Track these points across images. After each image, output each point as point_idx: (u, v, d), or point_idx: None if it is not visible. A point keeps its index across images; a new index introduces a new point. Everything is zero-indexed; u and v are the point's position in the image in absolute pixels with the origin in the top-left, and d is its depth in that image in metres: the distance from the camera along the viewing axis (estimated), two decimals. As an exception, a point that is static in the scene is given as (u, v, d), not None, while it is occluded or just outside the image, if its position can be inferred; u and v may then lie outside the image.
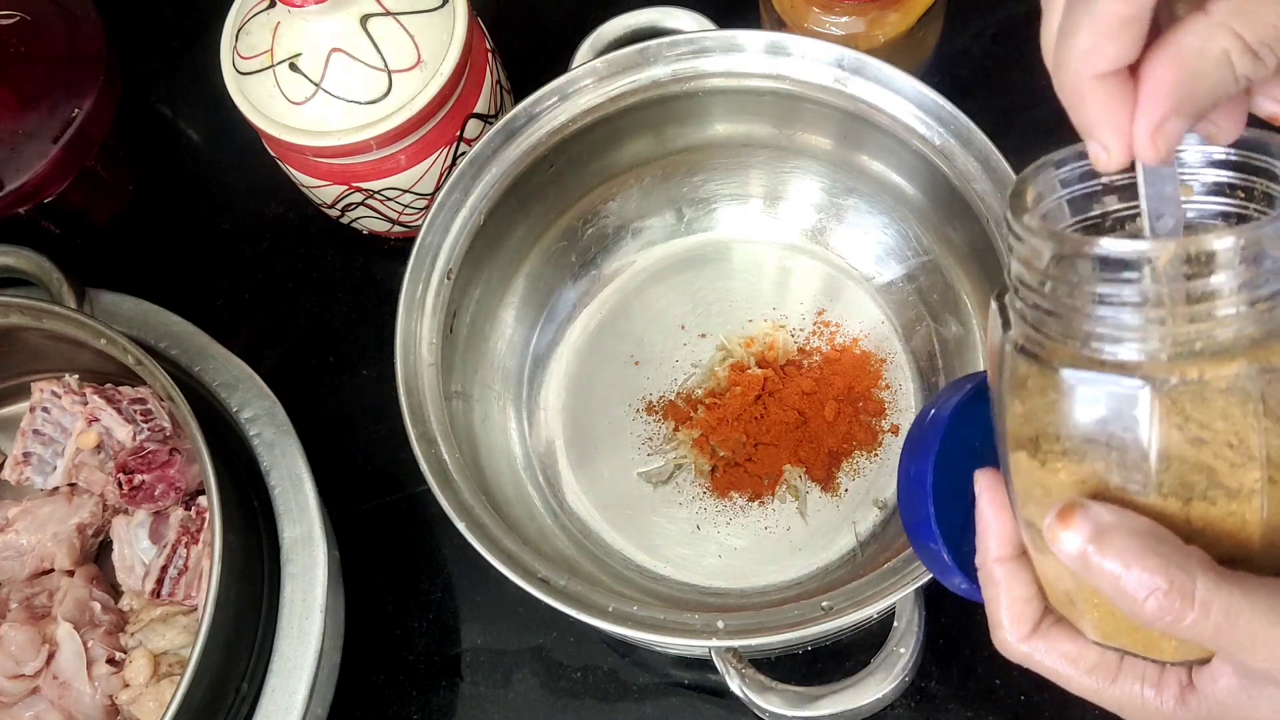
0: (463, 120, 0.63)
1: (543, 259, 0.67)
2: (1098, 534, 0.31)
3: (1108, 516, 0.31)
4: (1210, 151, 0.35)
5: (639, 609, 0.49)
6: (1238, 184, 0.35)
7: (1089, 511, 0.31)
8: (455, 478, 0.53)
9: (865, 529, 0.60)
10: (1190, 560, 0.31)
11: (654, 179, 0.67)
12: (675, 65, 0.60)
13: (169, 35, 0.81)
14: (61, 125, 0.67)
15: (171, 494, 0.60)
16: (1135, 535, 0.31)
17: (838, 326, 0.65)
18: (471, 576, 0.65)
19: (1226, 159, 0.35)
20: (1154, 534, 0.31)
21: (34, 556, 0.60)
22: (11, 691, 0.57)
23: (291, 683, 0.55)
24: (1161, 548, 0.31)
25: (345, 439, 0.68)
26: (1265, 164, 0.34)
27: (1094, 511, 0.31)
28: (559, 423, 0.65)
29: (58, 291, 0.62)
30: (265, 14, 0.61)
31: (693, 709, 0.60)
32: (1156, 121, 0.31)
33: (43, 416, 0.63)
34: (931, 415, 0.42)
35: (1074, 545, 0.31)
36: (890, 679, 0.48)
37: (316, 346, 0.71)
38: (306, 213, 0.73)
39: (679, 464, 0.63)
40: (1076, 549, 0.31)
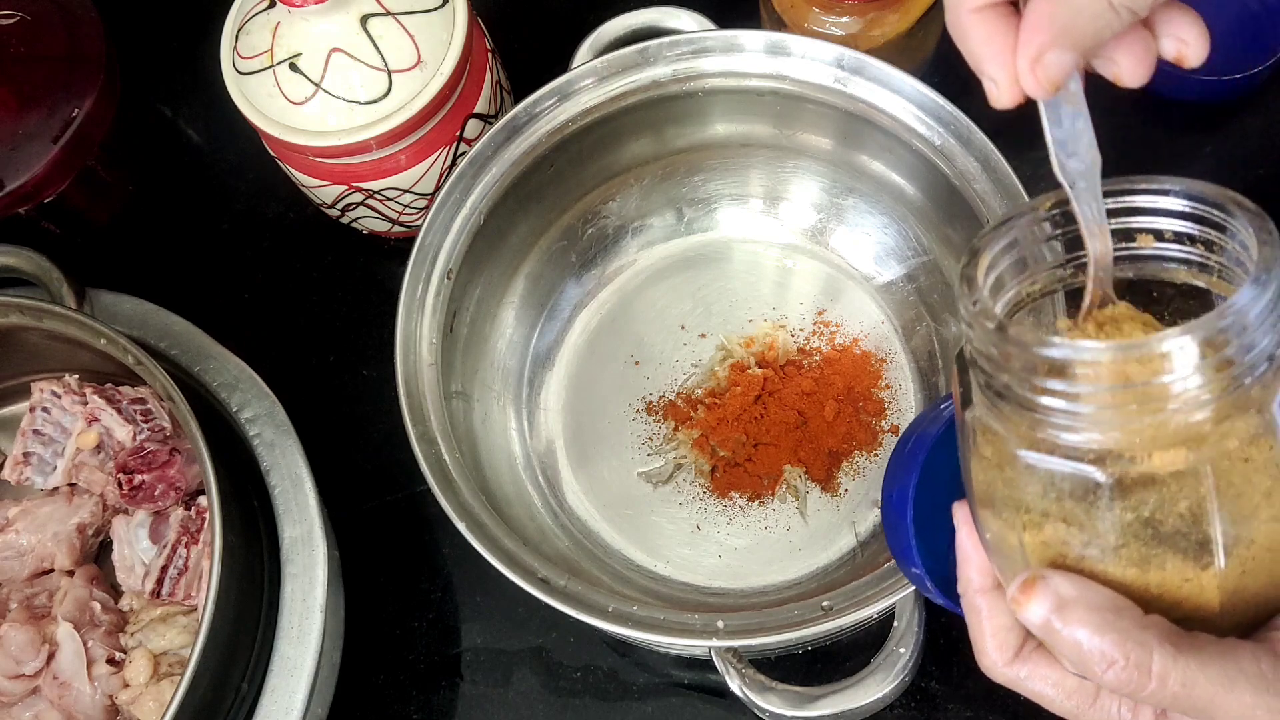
0: (463, 120, 0.63)
1: (543, 259, 0.67)
2: (1058, 607, 0.32)
3: (1067, 590, 0.33)
4: (1168, 203, 0.35)
5: (639, 609, 0.49)
6: (1197, 236, 0.35)
7: (1049, 584, 0.33)
8: (455, 478, 0.53)
9: (865, 529, 0.60)
10: (1148, 634, 0.32)
11: (654, 179, 0.67)
12: (675, 65, 0.60)
13: (169, 35, 0.81)
14: (61, 125, 0.67)
15: (171, 494, 0.60)
16: (1094, 610, 0.32)
17: (838, 326, 0.65)
18: (471, 576, 0.65)
19: (1183, 210, 0.35)
20: (1112, 607, 0.32)
21: (34, 556, 0.60)
22: (11, 691, 0.57)
23: (291, 683, 0.55)
24: (1119, 622, 0.32)
25: (345, 439, 0.68)
26: (1221, 220, 0.34)
27: (1054, 584, 0.33)
28: (559, 423, 0.65)
29: (58, 291, 0.62)
30: (265, 14, 0.61)
31: (693, 709, 0.60)
32: (1035, 53, 0.31)
33: (43, 416, 0.63)
34: (911, 442, 0.42)
35: (1037, 616, 0.33)
36: (890, 679, 0.48)
37: (316, 346, 0.72)
38: (306, 213, 0.73)
39: (679, 464, 0.63)
40: (1040, 619, 0.33)
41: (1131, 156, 0.69)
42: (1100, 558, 0.33)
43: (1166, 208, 0.35)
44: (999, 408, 0.34)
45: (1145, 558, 0.33)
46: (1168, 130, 0.69)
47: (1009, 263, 0.37)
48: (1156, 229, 0.36)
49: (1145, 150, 0.69)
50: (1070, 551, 0.34)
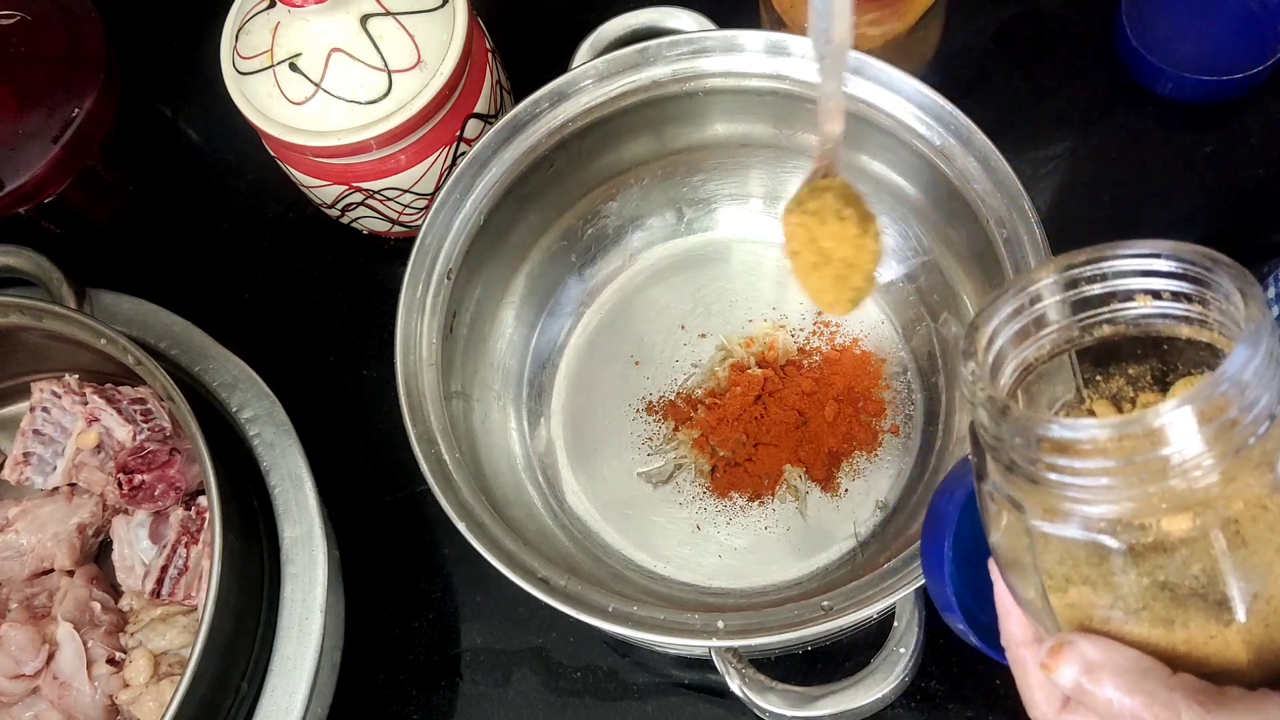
0: (463, 120, 0.63)
1: (543, 259, 0.67)
2: (1087, 670, 0.34)
3: (1094, 654, 0.34)
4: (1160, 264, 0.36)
5: (639, 609, 0.49)
6: (1192, 294, 0.36)
7: (1077, 649, 0.34)
8: (455, 478, 0.53)
9: (865, 529, 0.60)
10: (1175, 694, 0.33)
11: (654, 179, 0.67)
12: (675, 65, 0.60)
13: (169, 35, 0.81)
14: (61, 125, 0.67)
15: (171, 494, 0.60)
16: (1121, 672, 0.33)
17: (838, 326, 0.65)
18: (471, 576, 0.64)
19: (1174, 270, 0.36)
20: (1139, 669, 0.33)
21: (34, 556, 0.60)
22: (11, 691, 0.57)
23: (291, 683, 0.55)
24: (1146, 684, 0.33)
25: (345, 439, 0.68)
26: (1208, 278, 0.35)
27: (1081, 648, 0.34)
28: (559, 423, 0.65)
29: (58, 291, 0.62)
30: (265, 14, 0.61)
31: (693, 709, 0.60)
32: None
33: (43, 416, 0.63)
34: (947, 497, 0.43)
35: (1067, 679, 0.34)
36: (890, 679, 0.48)
37: (316, 346, 0.72)
38: (306, 213, 0.73)
39: (679, 464, 0.63)
40: (1070, 683, 0.34)
41: (1132, 156, 0.70)
42: (1125, 619, 0.34)
43: (1158, 269, 0.36)
44: (1012, 478, 0.35)
45: (1168, 618, 0.34)
46: (1168, 130, 0.69)
47: (1011, 333, 0.38)
48: (1154, 289, 0.37)
49: (1146, 150, 0.69)
50: (1096, 613, 0.35)
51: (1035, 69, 0.72)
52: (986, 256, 0.56)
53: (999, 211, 0.54)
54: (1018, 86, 0.71)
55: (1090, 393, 0.40)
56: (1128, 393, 0.40)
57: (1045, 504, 0.34)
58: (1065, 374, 0.40)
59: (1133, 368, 0.39)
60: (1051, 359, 0.39)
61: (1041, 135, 0.70)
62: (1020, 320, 0.38)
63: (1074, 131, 0.70)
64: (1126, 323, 0.38)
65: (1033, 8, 0.74)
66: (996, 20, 0.73)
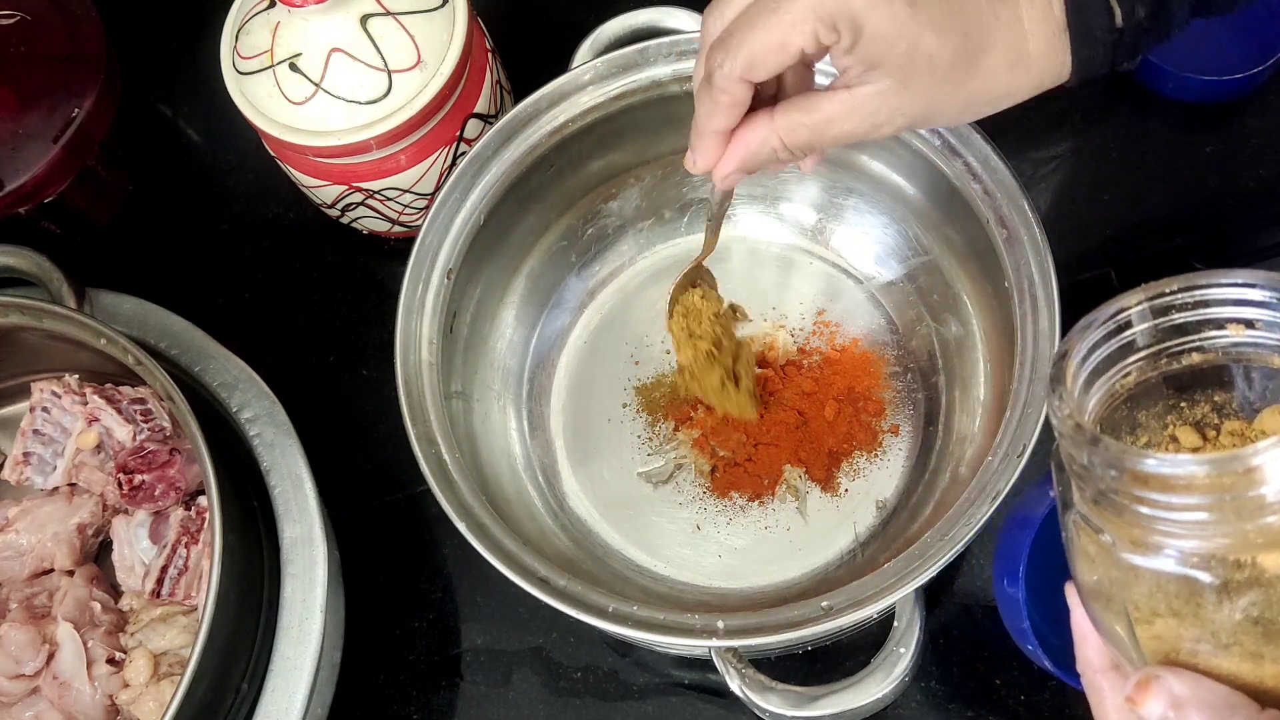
0: (463, 120, 0.63)
1: (543, 259, 0.66)
2: (1174, 705, 0.34)
3: (1181, 689, 0.34)
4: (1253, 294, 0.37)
5: (639, 609, 0.49)
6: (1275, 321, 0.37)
7: (1164, 684, 0.34)
8: (455, 478, 0.53)
9: (865, 529, 0.60)
10: None
11: (654, 179, 0.67)
12: (675, 65, 0.60)
13: (169, 35, 0.81)
14: (61, 125, 0.67)
15: (171, 494, 0.60)
16: (1208, 708, 0.33)
17: (838, 326, 0.65)
18: (471, 576, 0.64)
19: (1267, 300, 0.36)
20: (1226, 704, 0.34)
21: (34, 556, 0.60)
22: (11, 691, 0.57)
23: (291, 683, 0.55)
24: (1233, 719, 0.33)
25: (345, 439, 0.68)
26: None
27: (1168, 684, 0.34)
28: (559, 423, 0.65)
29: (58, 291, 0.62)
30: (265, 14, 0.61)
31: (693, 709, 0.60)
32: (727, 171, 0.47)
33: (43, 416, 0.63)
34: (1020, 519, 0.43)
35: (1154, 715, 0.34)
36: (890, 679, 0.47)
37: (316, 346, 0.71)
38: (306, 213, 0.73)
39: (679, 464, 0.63)
40: (1158, 717, 0.34)
41: (1132, 156, 0.70)
42: (1213, 653, 0.34)
43: (1253, 299, 0.37)
44: (1099, 510, 0.35)
45: (1258, 653, 0.34)
46: (1168, 130, 0.69)
47: (1099, 360, 0.38)
48: (1247, 319, 0.37)
49: (1146, 150, 0.69)
50: (1183, 646, 0.35)
51: (1035, 69, 0.72)
52: (986, 256, 0.56)
53: (999, 211, 0.54)
54: (1018, 86, 0.71)
55: (1174, 419, 0.40)
56: (1212, 419, 0.40)
57: (1134, 536, 0.34)
58: (1147, 400, 0.40)
59: (1218, 395, 0.40)
60: (1138, 386, 0.40)
61: (1041, 135, 0.70)
62: (1109, 346, 0.38)
63: (1074, 131, 0.70)
64: (1217, 351, 0.38)
65: (1033, 8, 0.73)
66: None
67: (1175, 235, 0.67)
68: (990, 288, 0.57)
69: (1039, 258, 0.53)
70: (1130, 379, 0.39)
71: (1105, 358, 0.38)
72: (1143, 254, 0.67)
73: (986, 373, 0.59)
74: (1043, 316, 0.52)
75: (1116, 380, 0.39)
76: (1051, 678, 0.58)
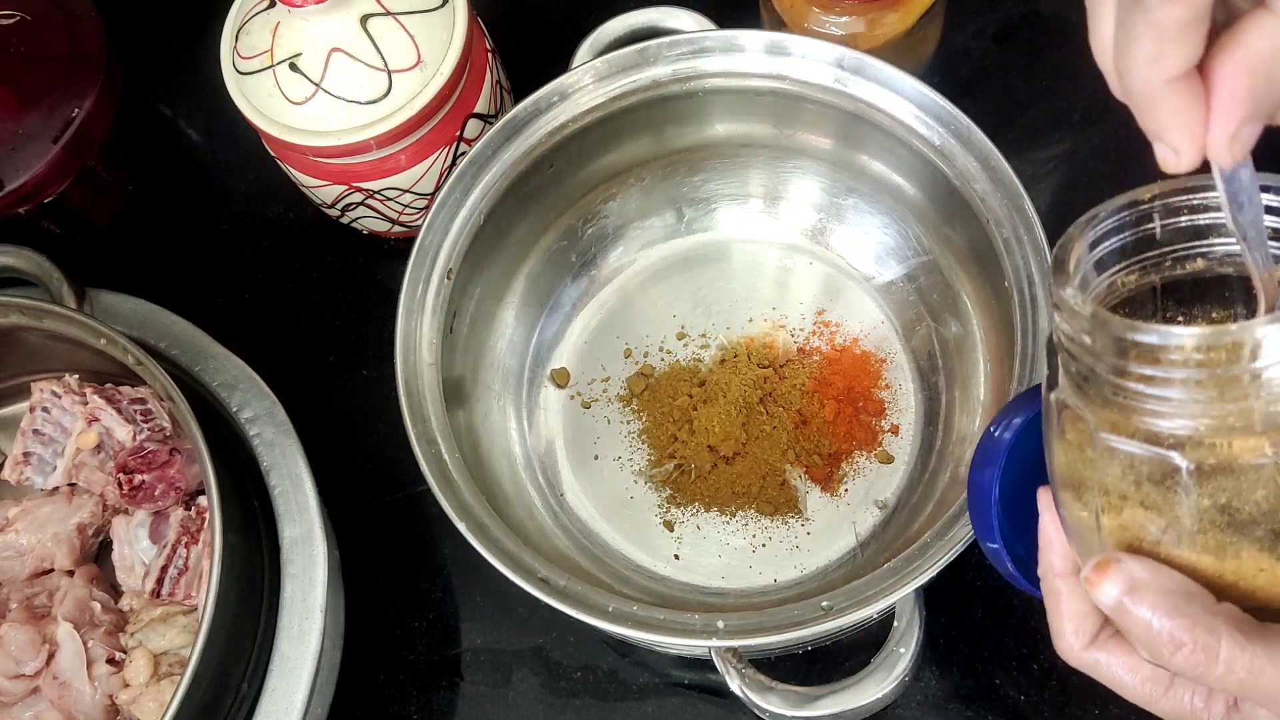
0: (463, 120, 0.63)
1: (543, 259, 0.67)
2: (1131, 589, 0.33)
3: (1140, 573, 0.34)
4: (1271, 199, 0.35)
5: (639, 609, 0.49)
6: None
7: (1124, 567, 0.34)
8: (455, 478, 0.53)
9: (865, 529, 0.60)
10: (1217, 620, 0.32)
11: (654, 179, 0.67)
12: (675, 65, 0.60)
13: (169, 35, 0.81)
14: (61, 125, 0.67)
15: (171, 494, 0.60)
16: (1165, 594, 0.33)
17: (838, 326, 0.65)
18: (471, 576, 0.65)
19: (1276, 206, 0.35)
20: (1184, 593, 0.33)
21: (34, 556, 0.60)
22: (11, 691, 0.57)
23: (291, 683, 0.55)
24: (1189, 608, 0.33)
25: (345, 439, 0.68)
26: None
27: (1128, 567, 0.34)
28: (559, 423, 0.65)
29: (58, 291, 0.62)
30: (265, 14, 0.61)
31: (693, 709, 0.60)
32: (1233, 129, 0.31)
33: (43, 416, 0.63)
34: (1000, 426, 0.43)
35: (1109, 597, 0.34)
36: (890, 679, 0.47)
37: (316, 346, 0.72)
38: (306, 213, 0.73)
39: (679, 464, 0.63)
40: (1112, 600, 0.34)
41: (1132, 156, 0.70)
42: (1176, 543, 0.34)
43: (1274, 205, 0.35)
44: (1084, 391, 0.34)
45: (1221, 545, 0.33)
46: (1168, 130, 0.69)
47: (1105, 251, 0.37)
48: None
49: (1146, 150, 0.69)
50: (1147, 536, 0.34)
51: (1035, 69, 0.72)
52: (986, 256, 0.56)
53: (999, 211, 0.54)
54: (1017, 86, 0.71)
55: None
56: None
57: (1114, 418, 0.34)
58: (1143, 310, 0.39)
59: (1216, 311, 0.39)
60: (1138, 289, 0.39)
61: (1041, 135, 0.70)
62: (1116, 241, 0.37)
63: (1074, 132, 0.70)
64: (1219, 260, 0.37)
65: (1033, 8, 0.74)
66: (996, 20, 0.73)
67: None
68: (990, 288, 0.57)
69: (1039, 258, 0.53)
70: (1133, 278, 0.38)
71: (1110, 252, 0.38)
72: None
73: (986, 373, 0.59)
74: (1043, 316, 0.52)
75: (1119, 276, 0.38)
76: (1052, 678, 0.58)
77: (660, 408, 0.64)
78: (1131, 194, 0.37)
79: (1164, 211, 0.37)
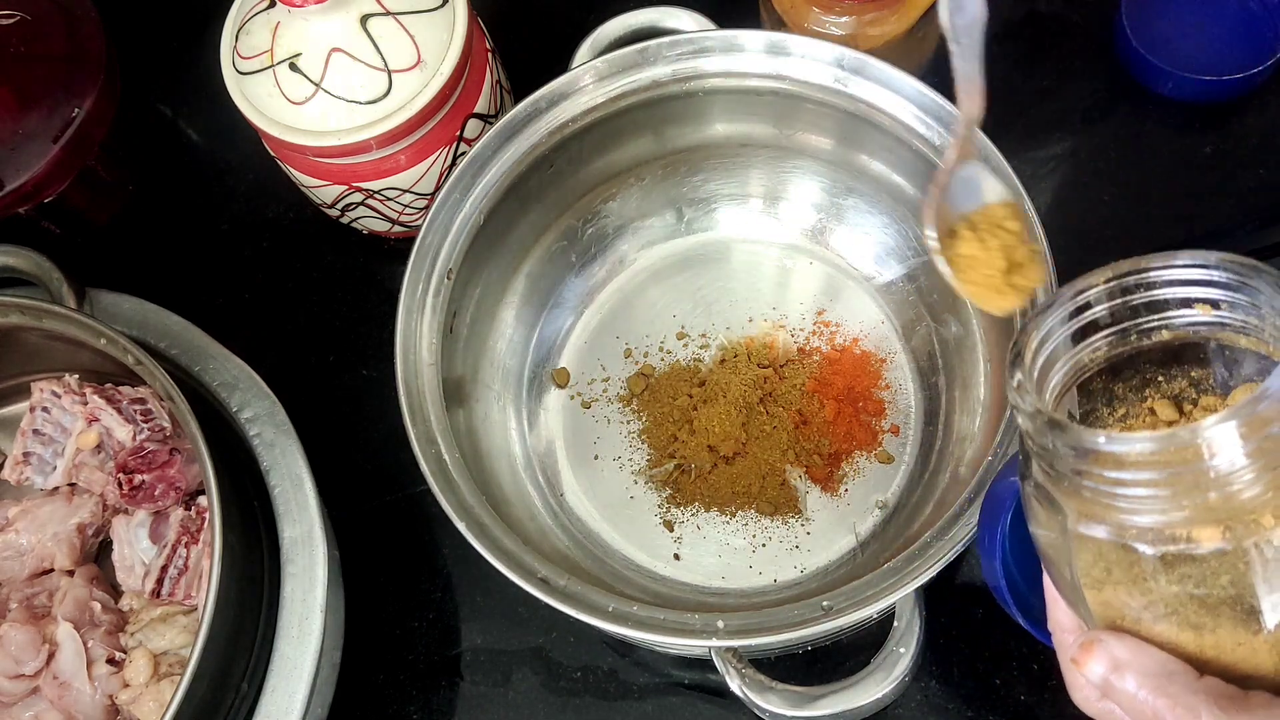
0: (463, 120, 0.63)
1: (543, 259, 0.67)
2: (1114, 668, 0.35)
3: (1122, 653, 0.35)
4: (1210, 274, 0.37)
5: (639, 609, 0.49)
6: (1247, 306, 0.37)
7: (1106, 647, 0.35)
8: (455, 478, 0.53)
9: (865, 529, 0.60)
10: (1197, 698, 0.34)
11: (654, 179, 0.67)
12: (675, 65, 0.60)
13: (169, 35, 0.81)
14: (61, 125, 0.67)
15: (171, 494, 0.60)
16: (1146, 675, 0.34)
17: (838, 326, 0.65)
18: (471, 576, 0.64)
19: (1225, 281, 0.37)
20: (1165, 672, 0.34)
21: (34, 556, 0.60)
22: (11, 691, 0.57)
23: (291, 683, 0.55)
24: (1170, 687, 0.34)
25: (345, 439, 0.68)
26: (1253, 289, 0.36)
27: (1110, 647, 0.35)
28: (559, 423, 0.65)
29: (58, 291, 0.62)
30: (265, 14, 0.61)
31: (693, 709, 0.60)
32: None
33: (43, 416, 0.63)
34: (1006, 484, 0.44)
35: (1095, 675, 0.36)
36: (890, 679, 0.47)
37: (316, 346, 0.72)
38: (306, 213, 0.73)
39: (679, 464, 0.63)
40: (1098, 679, 0.36)
41: (1132, 156, 0.70)
42: (1155, 621, 0.35)
43: (1213, 279, 0.37)
44: (1053, 481, 0.36)
45: (1198, 623, 0.34)
46: (1167, 130, 0.69)
47: (1062, 339, 0.39)
48: (1211, 299, 0.38)
49: (1146, 150, 0.69)
50: (1128, 613, 0.35)
51: (1035, 69, 0.72)
52: (986, 256, 0.56)
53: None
54: (1018, 86, 0.71)
55: (1153, 391, 0.41)
56: (1191, 394, 0.41)
57: (1083, 508, 0.35)
58: (1126, 372, 0.41)
59: (1195, 370, 0.40)
60: (1110, 361, 0.40)
61: (1041, 135, 0.70)
62: (1073, 325, 0.39)
63: (1074, 131, 0.70)
64: (1184, 328, 0.38)
65: (1033, 8, 0.74)
66: (996, 20, 0.73)
67: (1175, 235, 0.67)
68: (990, 288, 0.57)
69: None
70: (1100, 354, 0.40)
71: (1070, 335, 0.39)
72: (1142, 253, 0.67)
73: (986, 372, 0.59)
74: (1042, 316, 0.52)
75: (1085, 354, 0.40)
76: (1051, 678, 0.58)
77: (660, 408, 0.64)
78: (1081, 280, 0.39)
79: (1118, 291, 0.39)
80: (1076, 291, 0.39)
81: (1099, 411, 0.42)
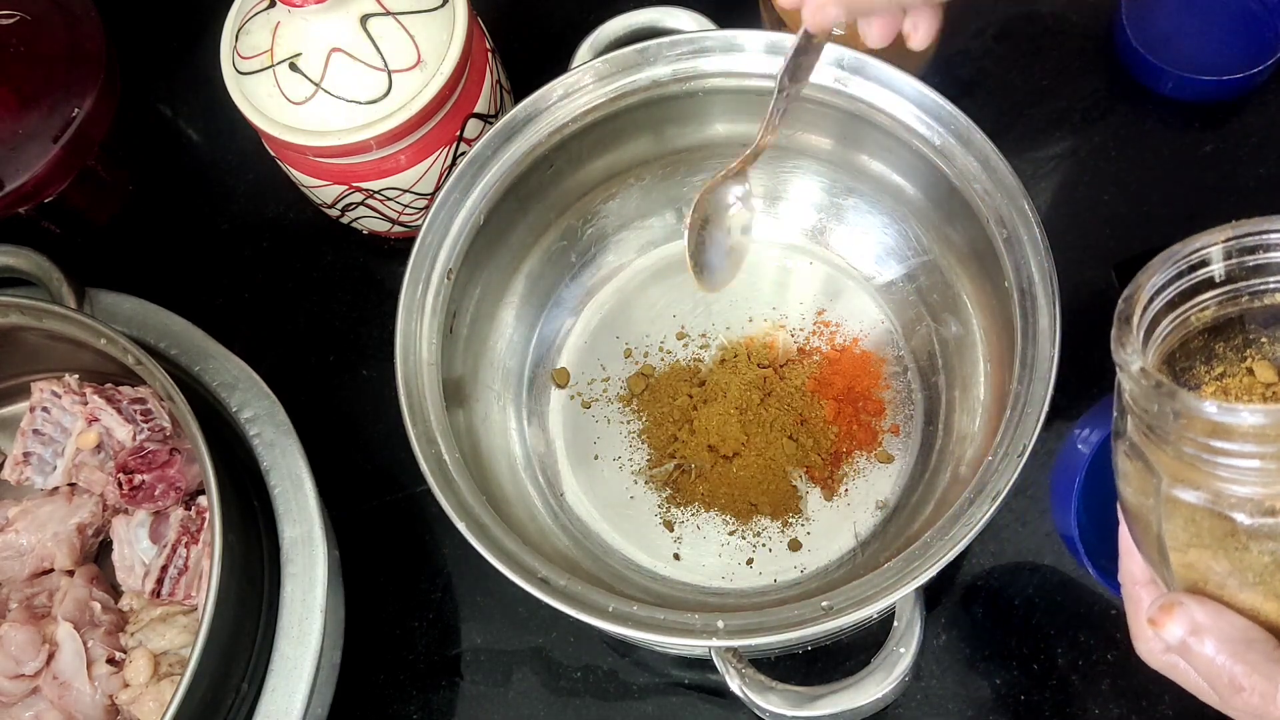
0: (463, 120, 0.63)
1: (543, 259, 0.66)
2: (1193, 631, 0.35)
3: (1203, 618, 0.35)
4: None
5: (639, 609, 0.49)
6: None
7: (1186, 610, 0.36)
8: (455, 478, 0.53)
9: (865, 529, 0.60)
10: (1274, 666, 0.34)
11: (654, 179, 0.67)
12: (675, 65, 0.60)
13: (169, 35, 0.81)
14: (61, 125, 0.67)
15: (171, 494, 0.60)
16: (1226, 640, 0.35)
17: (838, 326, 0.65)
18: (471, 576, 0.65)
19: None
20: (1244, 639, 0.35)
21: (34, 556, 0.60)
22: (11, 691, 0.57)
23: (291, 683, 0.55)
24: (1249, 654, 0.34)
25: (345, 439, 0.68)
26: None
27: (1191, 611, 0.36)
28: (559, 423, 0.65)
29: (58, 291, 0.62)
30: (265, 14, 0.61)
31: (693, 709, 0.60)
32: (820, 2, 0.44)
33: (43, 416, 0.63)
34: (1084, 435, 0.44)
35: (1173, 637, 0.36)
36: (890, 679, 0.47)
37: (316, 346, 0.72)
38: (306, 213, 0.73)
39: (679, 464, 0.63)
40: (1177, 640, 0.36)
41: (1132, 156, 0.70)
42: (1239, 588, 0.35)
43: None
44: (1149, 440, 0.36)
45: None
46: (1168, 130, 0.69)
47: (1172, 296, 0.39)
48: None
49: (1146, 150, 0.69)
50: (1211, 577, 0.35)
51: (1035, 69, 0.72)
52: (986, 256, 0.56)
53: (999, 211, 0.54)
54: (1018, 86, 0.71)
55: (1254, 352, 0.40)
56: None
57: (1179, 472, 0.35)
58: (1227, 331, 0.40)
59: None
60: (1216, 320, 0.40)
61: (1041, 135, 0.70)
62: (1184, 283, 0.39)
63: (1074, 131, 0.70)
64: None
65: (1032, 8, 0.74)
66: (996, 20, 0.73)
67: (1175, 234, 0.67)
68: (990, 288, 0.57)
69: (1039, 258, 0.53)
70: (1208, 313, 0.40)
71: (1180, 293, 0.39)
72: (1143, 253, 0.67)
73: (986, 372, 0.59)
74: (1043, 316, 0.52)
75: (1192, 313, 0.39)
76: (1052, 678, 0.58)
77: (660, 408, 0.64)
78: (1199, 237, 0.38)
79: (1236, 251, 0.38)
80: (1192, 250, 0.38)
81: (1196, 369, 0.41)
